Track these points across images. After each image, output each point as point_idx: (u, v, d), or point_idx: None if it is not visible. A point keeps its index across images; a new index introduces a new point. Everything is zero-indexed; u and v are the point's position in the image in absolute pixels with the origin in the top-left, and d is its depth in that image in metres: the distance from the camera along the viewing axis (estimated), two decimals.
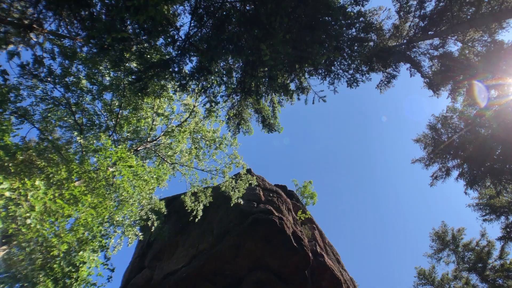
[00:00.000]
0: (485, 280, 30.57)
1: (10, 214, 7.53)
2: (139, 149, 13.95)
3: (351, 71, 10.72)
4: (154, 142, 14.36)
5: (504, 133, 16.95)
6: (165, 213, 14.40)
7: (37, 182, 7.14)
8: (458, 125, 21.35)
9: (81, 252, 8.70)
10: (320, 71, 10.53)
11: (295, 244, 13.93)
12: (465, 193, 25.52)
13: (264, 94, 10.69)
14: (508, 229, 25.70)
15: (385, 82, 14.69)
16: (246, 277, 14.04)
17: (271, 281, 13.78)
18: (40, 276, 7.75)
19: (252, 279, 13.75)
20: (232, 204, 13.37)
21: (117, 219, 10.21)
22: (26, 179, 7.53)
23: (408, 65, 14.75)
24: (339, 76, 10.54)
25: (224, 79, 9.67)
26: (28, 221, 6.72)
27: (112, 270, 8.54)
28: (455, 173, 22.06)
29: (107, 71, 12.62)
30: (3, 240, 8.51)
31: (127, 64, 10.77)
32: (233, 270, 14.15)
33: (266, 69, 8.96)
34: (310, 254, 14.72)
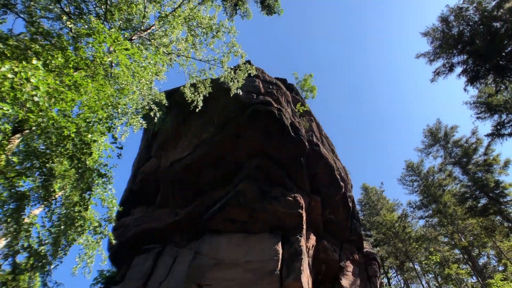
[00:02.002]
0: (466, 173, 32.96)
1: (17, 97, 7.72)
2: (133, 38, 13.41)
3: None
4: (148, 31, 13.72)
5: None
6: (166, 104, 14.67)
7: (34, 61, 7.10)
8: (472, 18, 20.15)
9: (90, 135, 9.21)
10: None
11: (292, 134, 14.61)
12: (465, 89, 25.56)
13: None
14: (498, 127, 26.44)
15: None
16: (246, 163, 15.17)
17: (269, 167, 14.93)
18: (56, 152, 8.32)
19: (251, 165, 14.88)
20: (231, 95, 13.55)
21: (121, 104, 10.40)
22: (24, 62, 7.49)
23: None
24: None
25: None
26: (36, 98, 6.90)
27: (121, 148, 9.15)
28: (458, 69, 21.71)
29: None
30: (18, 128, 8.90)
31: None
32: (234, 157, 15.18)
33: None
34: (307, 144, 15.60)
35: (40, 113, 8.35)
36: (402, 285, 42.49)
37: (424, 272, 38.92)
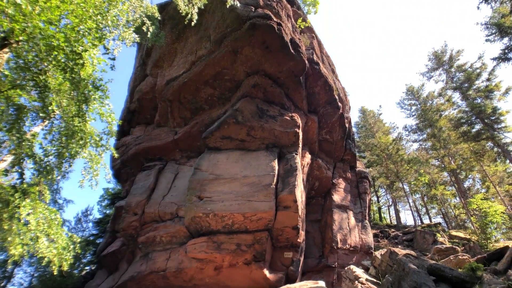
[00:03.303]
0: (466, 99, 32.77)
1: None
2: None
3: None
4: None
5: None
6: (159, 18, 13.78)
7: None
8: None
9: (80, 48, 8.80)
10: None
11: (292, 51, 14.04)
12: (478, 8, 24.06)
13: None
14: (506, 51, 25.47)
15: None
16: (244, 82, 14.88)
17: (267, 85, 14.69)
18: (47, 62, 8.04)
19: (249, 83, 14.61)
20: (228, 6, 12.65)
21: (110, 15, 9.76)
22: None
23: None
24: None
25: None
26: (18, 0, 6.43)
27: (113, 59, 8.87)
28: None
29: None
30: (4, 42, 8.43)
31: None
32: (232, 75, 14.83)
33: None
34: (306, 61, 15.10)
35: (25, 19, 7.88)
36: (390, 203, 45.62)
37: (411, 192, 41.50)
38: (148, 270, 13.61)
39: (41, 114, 9.88)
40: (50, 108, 9.21)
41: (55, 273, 12.13)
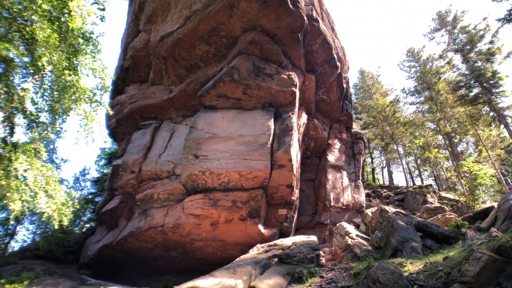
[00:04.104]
0: (466, 61, 32.17)
1: None
2: None
3: None
4: None
5: None
6: None
7: None
8: None
9: None
10: None
11: (291, 6, 13.45)
12: None
13: None
14: None
15: None
16: (240, 38, 14.40)
17: (264, 42, 14.24)
18: (32, 11, 7.67)
19: (246, 39, 14.14)
20: None
21: None
22: None
23: None
24: None
25: None
26: None
27: (103, 10, 8.46)
28: None
29: None
30: None
31: None
32: (228, 31, 14.30)
33: None
34: (305, 18, 14.54)
35: None
36: (384, 165, 46.44)
37: (405, 154, 42.11)
38: (146, 226, 14.02)
39: (31, 69, 9.61)
40: (40, 62, 8.94)
41: (56, 228, 12.47)
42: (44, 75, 10.18)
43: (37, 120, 9.27)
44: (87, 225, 25.65)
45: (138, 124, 18.29)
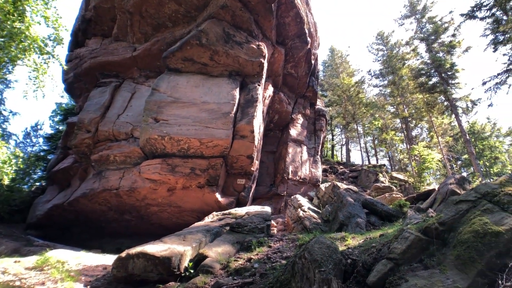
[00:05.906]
0: (430, 51, 33.39)
1: None
2: None
3: None
4: None
5: None
6: None
7: None
8: None
9: None
10: None
11: None
12: None
13: None
14: (475, 9, 25.39)
15: None
16: (212, 1, 13.86)
17: (236, 8, 13.78)
18: None
19: (217, 3, 13.59)
20: None
21: None
22: None
23: None
24: None
25: None
26: None
27: None
28: None
29: None
30: None
31: None
32: None
33: None
34: None
35: None
36: (344, 142, 48.25)
37: (364, 134, 44.01)
38: (101, 188, 13.66)
39: None
40: None
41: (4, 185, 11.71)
42: None
43: None
44: (37, 184, 24.40)
45: (97, 81, 17.28)
